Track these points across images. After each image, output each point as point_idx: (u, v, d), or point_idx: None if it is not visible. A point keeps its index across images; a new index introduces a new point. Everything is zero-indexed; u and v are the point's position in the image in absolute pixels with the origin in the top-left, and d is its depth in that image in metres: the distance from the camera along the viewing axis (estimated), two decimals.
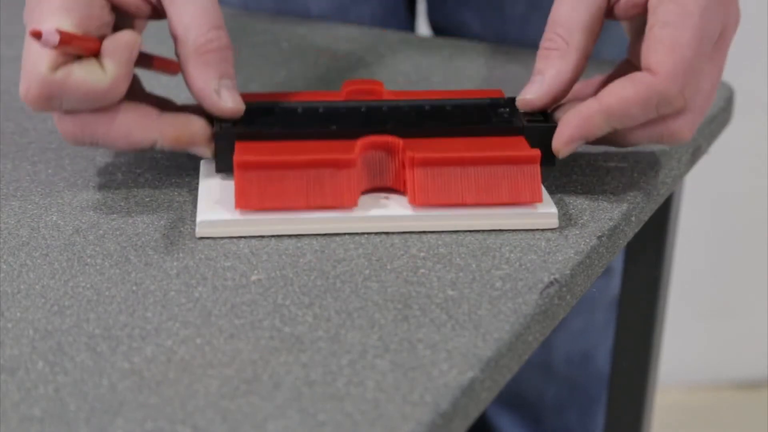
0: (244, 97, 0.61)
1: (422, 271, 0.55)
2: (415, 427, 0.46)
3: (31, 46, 0.58)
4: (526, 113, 0.62)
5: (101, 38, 0.59)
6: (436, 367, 0.49)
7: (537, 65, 0.62)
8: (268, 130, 0.60)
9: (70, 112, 0.59)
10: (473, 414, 0.49)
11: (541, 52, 0.62)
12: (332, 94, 0.65)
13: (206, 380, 0.48)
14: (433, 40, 0.87)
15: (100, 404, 0.47)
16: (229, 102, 0.60)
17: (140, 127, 0.60)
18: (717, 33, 0.60)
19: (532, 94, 0.61)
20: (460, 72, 0.79)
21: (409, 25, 0.99)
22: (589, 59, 0.62)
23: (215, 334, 0.51)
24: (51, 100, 0.58)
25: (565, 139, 0.59)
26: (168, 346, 0.50)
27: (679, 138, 0.61)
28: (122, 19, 0.62)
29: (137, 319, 0.52)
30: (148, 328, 0.51)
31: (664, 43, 0.59)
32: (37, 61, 0.57)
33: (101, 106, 0.59)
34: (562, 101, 0.62)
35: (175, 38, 0.60)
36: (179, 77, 0.66)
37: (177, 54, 0.60)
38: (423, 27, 1.02)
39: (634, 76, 0.59)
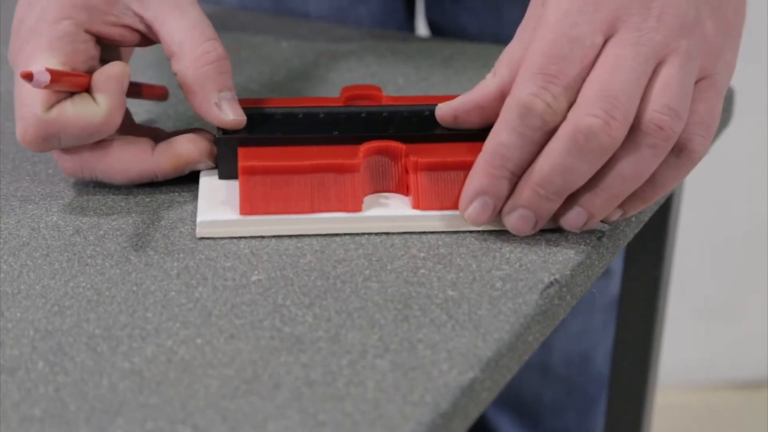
0: (243, 102, 0.62)
1: (422, 271, 0.56)
2: (415, 427, 0.46)
3: (23, 89, 0.58)
4: None
5: (90, 72, 0.60)
6: (437, 367, 0.49)
7: None
8: (271, 136, 0.61)
9: (68, 150, 0.60)
10: (473, 414, 0.49)
11: None
12: (331, 99, 0.65)
13: (206, 380, 0.48)
14: (432, 41, 0.88)
15: (100, 404, 0.47)
16: (230, 114, 0.60)
17: (137, 162, 0.61)
18: (591, 33, 0.55)
19: (440, 106, 0.61)
20: (459, 73, 0.79)
21: (408, 26, 0.99)
22: None
23: (215, 335, 0.51)
24: (49, 140, 0.59)
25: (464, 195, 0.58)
26: (168, 347, 0.50)
27: (662, 133, 0.54)
28: (108, 51, 0.62)
29: (137, 319, 0.52)
30: (149, 329, 0.52)
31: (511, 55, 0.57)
32: (31, 103, 0.58)
33: (99, 139, 0.60)
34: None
35: (170, 56, 0.60)
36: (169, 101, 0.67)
37: (174, 72, 0.60)
38: (422, 28, 1.02)
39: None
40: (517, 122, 0.55)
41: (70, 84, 0.58)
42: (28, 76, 0.56)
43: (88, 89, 0.59)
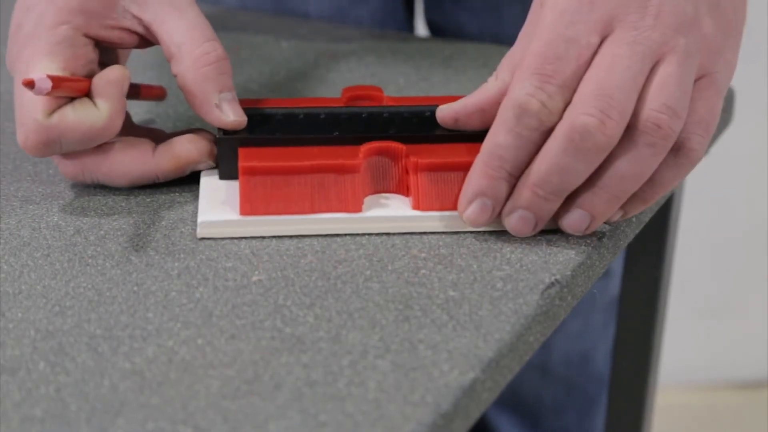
0: (243, 102, 0.62)
1: (423, 271, 0.56)
2: (416, 428, 0.46)
3: (23, 95, 0.58)
4: None
5: (89, 76, 0.60)
6: (437, 367, 0.49)
7: None
8: (271, 136, 0.61)
9: (69, 155, 0.60)
10: (474, 414, 0.49)
11: None
12: (332, 100, 0.65)
13: (207, 381, 0.48)
14: (432, 41, 0.88)
15: (101, 404, 0.47)
16: (230, 115, 0.60)
17: (138, 164, 0.61)
18: (587, 33, 0.55)
19: (441, 108, 0.61)
20: (459, 73, 0.79)
21: (408, 26, 0.99)
22: None
23: (216, 335, 0.51)
24: (50, 145, 0.59)
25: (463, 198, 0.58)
26: (169, 347, 0.50)
27: (661, 134, 0.54)
28: (106, 53, 0.62)
29: (138, 319, 0.52)
30: (150, 329, 0.52)
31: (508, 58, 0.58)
32: (32, 109, 0.58)
33: (100, 144, 0.60)
34: None
35: (170, 58, 0.60)
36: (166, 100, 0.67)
37: (174, 73, 0.60)
38: (421, 28, 1.02)
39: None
40: (514, 122, 0.55)
41: (70, 89, 0.58)
42: (30, 84, 0.56)
43: (88, 94, 0.59)
